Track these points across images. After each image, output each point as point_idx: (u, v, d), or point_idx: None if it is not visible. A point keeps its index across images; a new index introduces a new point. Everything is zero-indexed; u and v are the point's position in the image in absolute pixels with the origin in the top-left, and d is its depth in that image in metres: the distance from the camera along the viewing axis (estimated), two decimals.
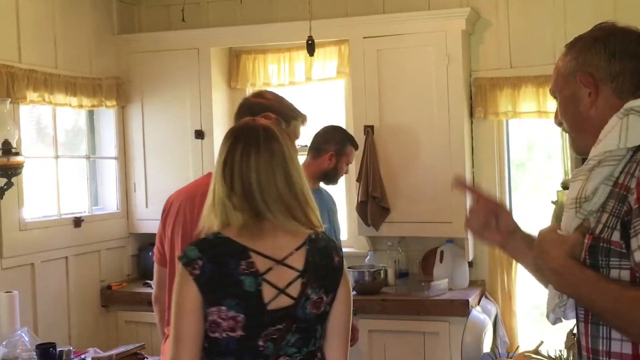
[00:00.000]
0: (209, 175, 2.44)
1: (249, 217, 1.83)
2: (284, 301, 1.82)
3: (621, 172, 1.43)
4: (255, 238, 1.83)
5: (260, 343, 1.80)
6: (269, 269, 1.82)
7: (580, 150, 1.62)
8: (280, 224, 1.85)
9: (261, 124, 1.93)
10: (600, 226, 1.44)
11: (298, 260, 1.86)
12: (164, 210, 2.47)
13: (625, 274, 1.41)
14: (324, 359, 1.94)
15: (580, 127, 1.60)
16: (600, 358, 1.47)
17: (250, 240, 1.83)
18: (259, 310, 1.80)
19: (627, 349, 1.41)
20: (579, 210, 1.46)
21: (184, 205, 2.39)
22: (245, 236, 1.82)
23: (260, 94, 2.64)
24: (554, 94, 1.66)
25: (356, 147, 3.79)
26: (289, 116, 2.51)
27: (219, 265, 1.79)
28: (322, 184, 3.77)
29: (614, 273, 1.42)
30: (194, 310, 1.78)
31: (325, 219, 3.65)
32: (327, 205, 3.72)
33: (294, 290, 1.83)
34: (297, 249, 1.87)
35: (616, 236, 1.41)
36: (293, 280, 1.83)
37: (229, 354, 1.80)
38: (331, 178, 3.71)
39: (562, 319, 1.56)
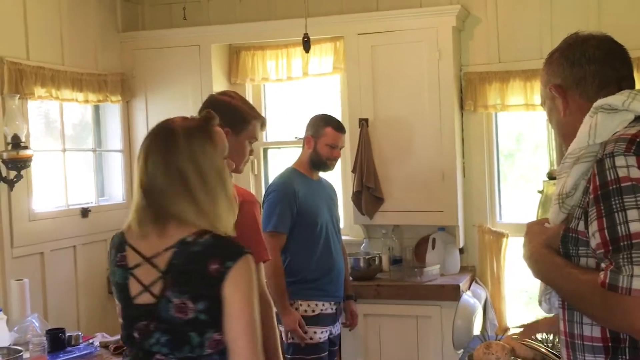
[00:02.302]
0: None
1: (140, 213, 1.81)
2: (148, 298, 1.77)
3: None
4: (137, 234, 1.81)
5: (135, 335, 1.80)
6: (137, 265, 1.80)
7: None
8: (162, 223, 1.78)
9: (167, 122, 1.86)
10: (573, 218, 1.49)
11: (163, 261, 1.77)
12: None
13: (592, 262, 1.44)
14: None
15: (563, 133, 1.67)
16: (576, 341, 1.50)
17: (132, 236, 1.82)
18: (128, 303, 1.81)
19: (597, 332, 1.45)
20: (562, 206, 1.50)
21: None
22: (131, 231, 1.82)
23: (225, 93, 2.69)
24: (542, 106, 1.74)
25: (337, 127, 3.64)
26: (250, 115, 2.53)
27: (110, 255, 1.88)
28: (322, 175, 3.77)
29: (582, 261, 1.46)
30: None
31: (324, 208, 3.65)
32: (327, 195, 3.71)
33: (157, 289, 1.76)
34: (166, 249, 1.77)
35: (581, 226, 1.45)
36: (156, 279, 1.76)
37: (122, 338, 1.89)
38: (319, 164, 3.63)
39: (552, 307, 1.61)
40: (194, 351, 1.74)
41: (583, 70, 1.60)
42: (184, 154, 1.78)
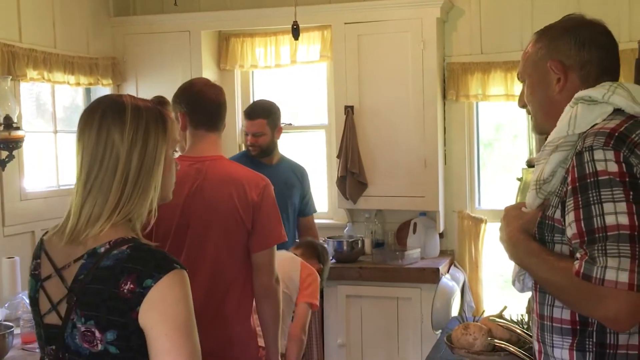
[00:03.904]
0: (182, 157, 2.43)
1: (71, 211, 1.44)
2: (54, 319, 1.41)
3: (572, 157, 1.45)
4: (58, 237, 1.45)
5: None
6: (49, 277, 1.44)
7: (542, 131, 1.65)
8: (81, 224, 1.41)
9: (116, 95, 1.51)
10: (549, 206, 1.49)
11: (70, 274, 1.39)
12: None
13: (566, 249, 1.45)
14: None
15: (545, 111, 1.62)
16: (546, 322, 1.52)
17: (52, 239, 1.48)
18: (38, 321, 1.46)
19: (567, 315, 1.46)
20: (539, 191, 1.50)
21: None
22: (56, 232, 1.47)
23: None
24: (521, 77, 1.67)
25: (246, 115, 3.63)
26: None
27: (31, 261, 1.53)
28: (284, 157, 3.73)
29: (557, 248, 1.47)
30: None
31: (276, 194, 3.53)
32: (280, 181, 3.56)
33: (63, 309, 1.39)
34: (76, 260, 1.40)
35: (558, 214, 1.45)
36: (63, 297, 1.39)
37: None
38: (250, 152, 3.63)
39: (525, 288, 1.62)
40: None
41: (591, 54, 1.55)
42: (126, 133, 1.42)
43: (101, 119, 1.44)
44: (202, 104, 2.45)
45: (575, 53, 1.55)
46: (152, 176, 1.45)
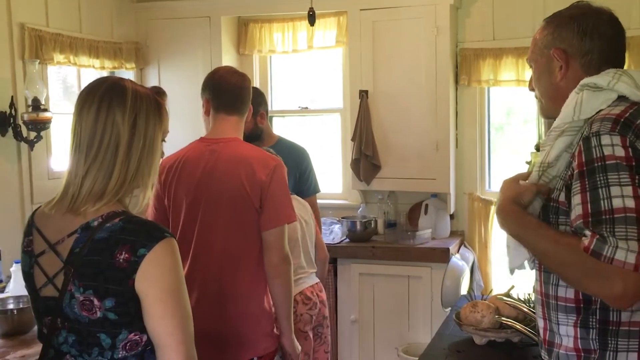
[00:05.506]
0: (202, 139, 2.46)
1: (70, 182, 1.48)
2: (51, 291, 1.45)
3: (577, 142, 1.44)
4: (51, 214, 1.48)
5: (45, 331, 1.49)
6: (42, 252, 1.48)
7: (548, 115, 1.65)
8: (75, 201, 1.45)
9: (116, 77, 1.54)
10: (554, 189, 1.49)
11: (65, 249, 1.43)
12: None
13: (570, 230, 1.43)
14: None
15: (550, 96, 1.62)
16: (550, 301, 1.52)
17: (44, 215, 1.50)
18: (34, 295, 1.50)
19: (570, 294, 1.47)
20: (543, 174, 1.50)
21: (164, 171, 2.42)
22: (53, 205, 1.49)
23: None
24: (530, 62, 1.67)
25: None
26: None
27: (23, 238, 1.56)
28: (281, 139, 3.54)
29: (561, 229, 1.46)
30: None
31: None
32: None
33: (60, 281, 1.43)
34: (70, 234, 1.44)
35: (562, 197, 1.45)
36: (59, 270, 1.44)
37: (37, 334, 1.57)
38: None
39: (529, 269, 1.61)
40: (105, 354, 1.41)
41: (593, 43, 1.54)
42: (127, 114, 1.46)
43: (102, 98, 1.48)
44: (223, 88, 2.48)
45: (577, 42, 1.55)
46: (153, 161, 1.49)
